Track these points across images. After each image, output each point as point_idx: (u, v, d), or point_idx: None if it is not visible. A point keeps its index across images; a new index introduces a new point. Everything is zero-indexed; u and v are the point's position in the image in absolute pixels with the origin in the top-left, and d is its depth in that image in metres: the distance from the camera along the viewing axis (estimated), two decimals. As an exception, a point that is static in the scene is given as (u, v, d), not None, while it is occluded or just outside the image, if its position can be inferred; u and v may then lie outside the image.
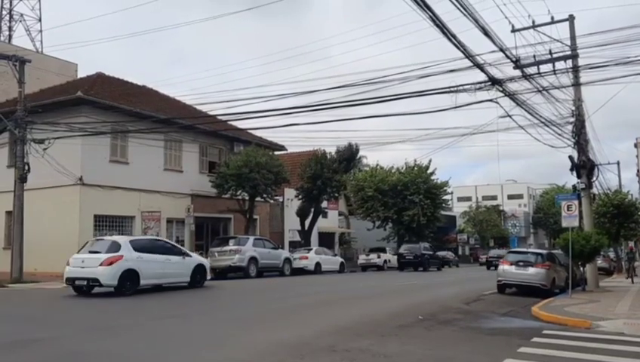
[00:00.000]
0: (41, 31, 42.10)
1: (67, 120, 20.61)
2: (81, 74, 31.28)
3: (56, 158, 19.87)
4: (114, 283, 13.85)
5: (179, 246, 17.92)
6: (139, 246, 14.88)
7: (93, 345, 7.60)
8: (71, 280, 14.32)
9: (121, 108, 22.32)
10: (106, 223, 22.71)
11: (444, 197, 48.41)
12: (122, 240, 15.05)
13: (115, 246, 14.39)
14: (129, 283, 14.13)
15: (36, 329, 8.87)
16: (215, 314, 11.12)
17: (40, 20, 42.19)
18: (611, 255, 37.68)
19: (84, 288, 14.28)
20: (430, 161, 44.30)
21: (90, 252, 14.63)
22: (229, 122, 22.88)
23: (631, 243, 19.08)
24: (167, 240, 18.19)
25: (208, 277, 17.70)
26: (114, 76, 26.53)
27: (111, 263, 13.78)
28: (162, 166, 25.42)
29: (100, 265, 13.75)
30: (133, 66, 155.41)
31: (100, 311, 11.74)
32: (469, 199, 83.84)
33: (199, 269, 16.67)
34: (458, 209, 72.97)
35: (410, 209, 41.69)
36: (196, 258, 17.24)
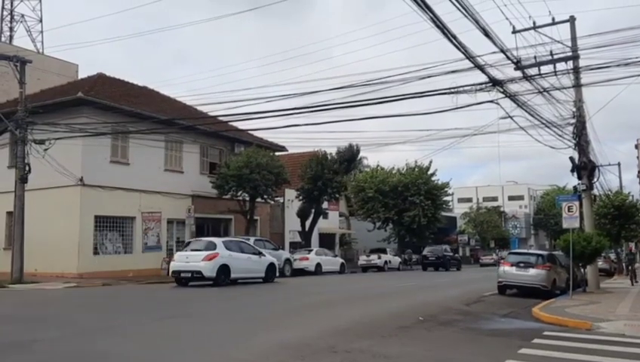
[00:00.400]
0: (42, 31, 42.18)
1: (68, 120, 20.62)
2: (82, 74, 31.36)
3: (57, 159, 19.87)
4: (213, 276, 17.11)
5: (256, 246, 20.71)
6: (229, 246, 18.21)
7: (93, 345, 7.59)
8: (177, 273, 17.68)
9: (121, 108, 22.31)
10: (106, 224, 22.72)
11: (445, 199, 48.44)
12: (217, 240, 18.64)
13: (212, 245, 17.81)
14: (223, 276, 17.36)
15: (37, 329, 8.86)
16: (217, 315, 11.11)
17: (41, 21, 42.27)
18: (612, 256, 37.65)
19: (188, 279, 17.57)
20: (431, 162, 44.37)
21: (192, 250, 17.95)
22: (230, 123, 22.88)
23: (631, 245, 18.96)
24: (248, 242, 21.04)
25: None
26: (114, 77, 26.53)
27: (210, 259, 17.17)
28: (163, 166, 25.42)
29: (202, 260, 17.07)
30: (134, 67, 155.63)
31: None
32: (469, 200, 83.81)
33: (271, 267, 19.87)
34: (459, 210, 72.91)
35: (410, 210, 41.70)
36: (269, 257, 20.31)
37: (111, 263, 22.26)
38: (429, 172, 44.23)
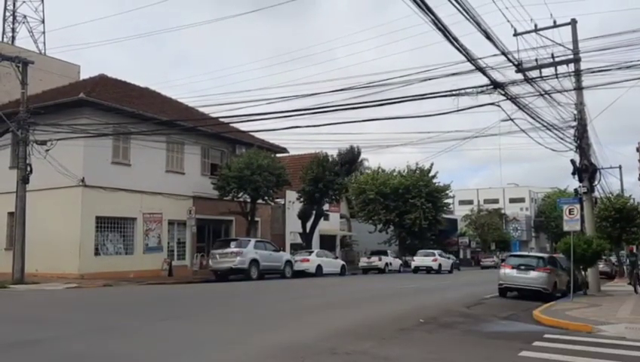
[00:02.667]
0: (44, 32, 42.26)
1: (69, 121, 20.65)
2: (84, 75, 31.39)
3: (59, 160, 19.90)
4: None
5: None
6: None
7: (95, 346, 7.60)
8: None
9: (123, 109, 22.35)
10: (107, 225, 22.74)
11: (446, 201, 48.46)
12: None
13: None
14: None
15: (37, 329, 8.87)
16: (217, 316, 11.11)
17: (43, 22, 42.35)
18: (613, 259, 37.61)
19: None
20: (432, 164, 44.43)
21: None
22: (231, 124, 22.88)
23: (632, 246, 18.51)
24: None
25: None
26: (116, 78, 26.59)
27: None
28: (164, 168, 25.44)
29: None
30: (136, 68, 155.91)
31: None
32: (470, 202, 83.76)
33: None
34: (459, 212, 72.89)
35: (411, 212, 41.71)
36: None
37: (112, 264, 22.28)
38: (430, 174, 44.25)
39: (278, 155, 29.90)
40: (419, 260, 35.56)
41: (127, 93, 24.40)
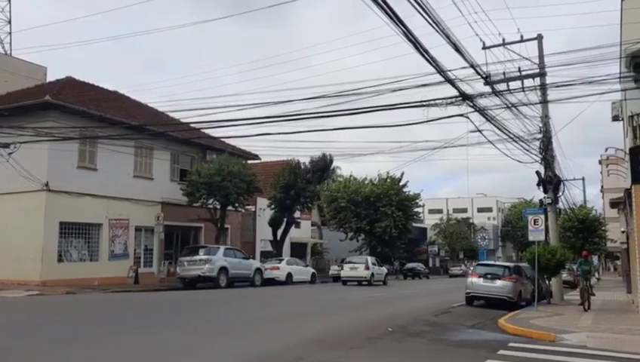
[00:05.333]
0: (10, 33, 41.16)
1: (34, 124, 20.07)
2: (51, 77, 30.64)
3: (22, 163, 19.40)
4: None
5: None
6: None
7: (53, 356, 7.38)
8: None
9: (90, 113, 21.93)
10: (72, 230, 22.20)
11: (416, 210, 48.91)
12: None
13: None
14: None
15: (-5, 339, 8.56)
16: (183, 325, 10.93)
17: (10, 22, 41.27)
18: (575, 268, 38.52)
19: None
20: (403, 173, 44.74)
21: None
22: (203, 130, 22.65)
23: (586, 251, 18.37)
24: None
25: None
26: (84, 81, 26.07)
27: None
28: (132, 173, 25.00)
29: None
30: (106, 71, 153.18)
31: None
32: (440, 211, 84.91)
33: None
34: (429, 221, 73.75)
35: (382, 220, 41.97)
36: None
37: (76, 271, 21.72)
38: (401, 183, 44.63)
39: (249, 162, 29.72)
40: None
41: (95, 97, 23.94)
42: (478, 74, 14.29)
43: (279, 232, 33.48)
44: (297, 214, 35.09)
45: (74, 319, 11.76)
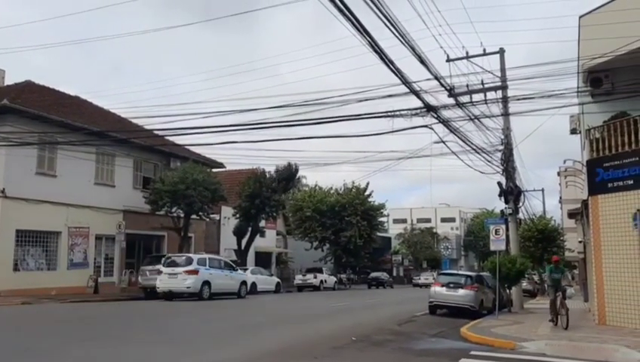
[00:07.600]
0: (-34, 33, 39.76)
1: (-10, 128, 19.46)
2: (9, 81, 29.68)
3: (-24, 169, 18.66)
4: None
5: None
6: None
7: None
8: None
9: (50, 118, 21.33)
10: (29, 238, 21.47)
11: (381, 219, 49.37)
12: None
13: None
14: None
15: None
16: (143, 336, 10.67)
17: (-35, 22, 39.87)
18: (535, 278, 39.46)
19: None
20: (368, 183, 45.17)
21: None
22: (166, 137, 22.31)
23: (556, 256, 18.43)
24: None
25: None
26: (44, 85, 25.37)
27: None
28: (93, 180, 24.40)
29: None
30: (67, 76, 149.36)
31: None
32: (404, 221, 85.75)
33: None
34: (394, 230, 74.43)
35: (347, 230, 42.18)
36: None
37: (32, 280, 20.99)
38: (366, 193, 45.01)
39: (214, 170, 29.40)
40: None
41: (55, 101, 23.31)
42: (443, 86, 14.58)
43: (244, 241, 33.19)
44: (262, 223, 34.87)
45: (28, 331, 11.33)
